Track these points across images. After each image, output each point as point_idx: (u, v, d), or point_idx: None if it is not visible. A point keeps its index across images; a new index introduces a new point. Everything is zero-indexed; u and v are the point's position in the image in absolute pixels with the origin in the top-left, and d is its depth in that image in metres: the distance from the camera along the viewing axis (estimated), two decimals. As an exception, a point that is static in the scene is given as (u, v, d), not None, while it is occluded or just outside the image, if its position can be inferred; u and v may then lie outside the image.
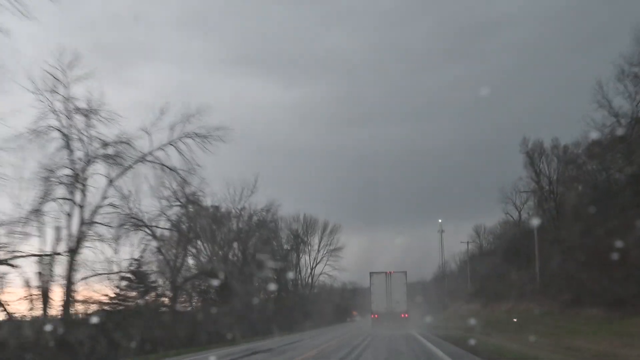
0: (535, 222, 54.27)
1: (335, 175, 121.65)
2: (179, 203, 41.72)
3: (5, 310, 26.57)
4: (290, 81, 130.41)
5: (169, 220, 42.05)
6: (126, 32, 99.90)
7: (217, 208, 47.87)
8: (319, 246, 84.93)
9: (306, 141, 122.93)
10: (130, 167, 29.80)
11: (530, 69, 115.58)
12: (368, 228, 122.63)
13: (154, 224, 40.99)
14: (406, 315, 50.58)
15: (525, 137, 68.97)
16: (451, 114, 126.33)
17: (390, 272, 51.73)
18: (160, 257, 40.91)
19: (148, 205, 40.28)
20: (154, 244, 40.94)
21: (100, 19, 76.17)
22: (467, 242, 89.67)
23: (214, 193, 44.91)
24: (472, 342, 24.96)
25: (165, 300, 40.26)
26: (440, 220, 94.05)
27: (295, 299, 77.90)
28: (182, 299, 43.05)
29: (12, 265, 26.08)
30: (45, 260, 27.31)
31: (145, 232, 40.82)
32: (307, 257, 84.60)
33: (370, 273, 53.21)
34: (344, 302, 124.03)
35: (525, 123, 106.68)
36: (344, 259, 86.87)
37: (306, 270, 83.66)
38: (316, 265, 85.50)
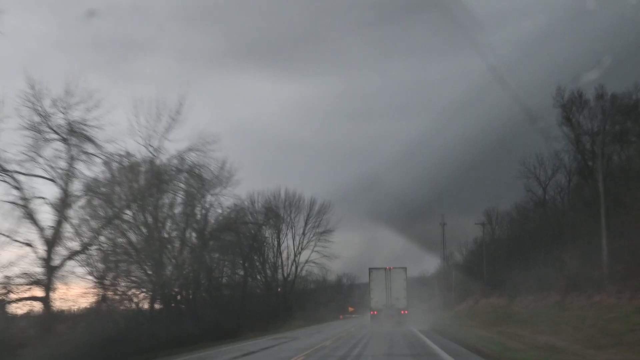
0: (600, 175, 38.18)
1: (335, 170, 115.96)
2: (56, 136, 26.05)
3: None
4: (290, 76, 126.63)
5: (50, 165, 26.45)
6: (125, 25, 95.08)
7: (135, 157, 31.68)
8: (304, 229, 69.18)
9: (306, 136, 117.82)
10: None
11: (535, 60, 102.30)
12: (368, 224, 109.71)
13: (17, 169, 25.52)
14: (406, 312, 48.26)
15: (560, 86, 52.89)
16: (453, 108, 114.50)
17: (389, 268, 49.23)
18: (28, 220, 25.24)
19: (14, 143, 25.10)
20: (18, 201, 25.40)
21: (99, 12, 69.97)
22: (483, 223, 73.39)
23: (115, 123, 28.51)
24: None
25: (27, 289, 24.45)
26: (442, 214, 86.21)
27: (272, 292, 62.28)
28: (67, 288, 27.09)
29: None
30: None
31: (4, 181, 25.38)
32: (292, 242, 68.78)
33: (369, 269, 49.99)
34: (339, 297, 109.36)
35: (531, 116, 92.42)
36: (335, 244, 71.10)
37: (288, 257, 67.82)
38: (301, 251, 69.63)
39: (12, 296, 23.54)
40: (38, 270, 25.00)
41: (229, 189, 39.87)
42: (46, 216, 25.91)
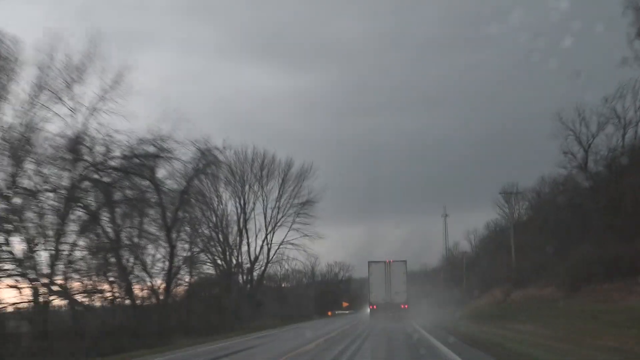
0: None
1: (337, 164, 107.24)
2: None
3: None
4: (293, 69, 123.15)
5: None
6: (128, 19, 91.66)
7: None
8: (278, 200, 52.21)
9: (308, 130, 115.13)
10: None
11: (541, 55, 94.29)
12: (369, 218, 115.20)
13: None
14: (406, 306, 45.86)
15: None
16: (459, 101, 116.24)
17: (389, 261, 47.15)
18: None
19: None
20: None
21: (101, 5, 66.74)
22: (510, 192, 56.36)
23: None
24: None
25: None
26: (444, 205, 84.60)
27: (233, 282, 45.36)
28: None
29: None
30: None
31: None
32: (263, 218, 51.79)
33: (368, 262, 47.84)
34: (333, 291, 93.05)
35: (537, 109, 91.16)
36: (320, 220, 54.47)
37: (257, 235, 50.94)
38: (275, 229, 52.64)
39: None
40: None
41: (117, 100, 23.01)
42: None
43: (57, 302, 25.53)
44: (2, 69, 19.03)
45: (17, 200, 20.76)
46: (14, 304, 22.39)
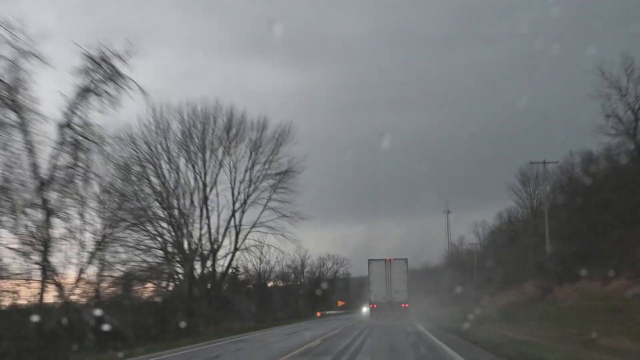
0: None
1: (337, 162, 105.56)
2: None
3: None
4: (293, 66, 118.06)
5: None
6: (127, 15, 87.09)
7: None
8: (250, 170, 40.46)
9: (310, 128, 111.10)
10: None
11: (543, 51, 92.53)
12: (369, 217, 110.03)
13: None
14: (407, 305, 44.27)
15: None
16: (461, 98, 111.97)
17: (390, 259, 45.22)
18: None
19: None
20: None
21: (102, 2, 61.36)
22: (543, 162, 44.63)
23: None
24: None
25: None
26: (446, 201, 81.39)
27: (185, 276, 33.97)
28: None
29: None
30: None
31: None
32: (230, 193, 40.27)
33: (368, 260, 45.67)
34: (329, 289, 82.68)
35: (537, 105, 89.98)
36: (303, 196, 43.30)
37: (220, 215, 39.34)
38: (244, 207, 40.78)
39: None
40: None
41: None
42: None
43: None
44: None
45: None
46: None
